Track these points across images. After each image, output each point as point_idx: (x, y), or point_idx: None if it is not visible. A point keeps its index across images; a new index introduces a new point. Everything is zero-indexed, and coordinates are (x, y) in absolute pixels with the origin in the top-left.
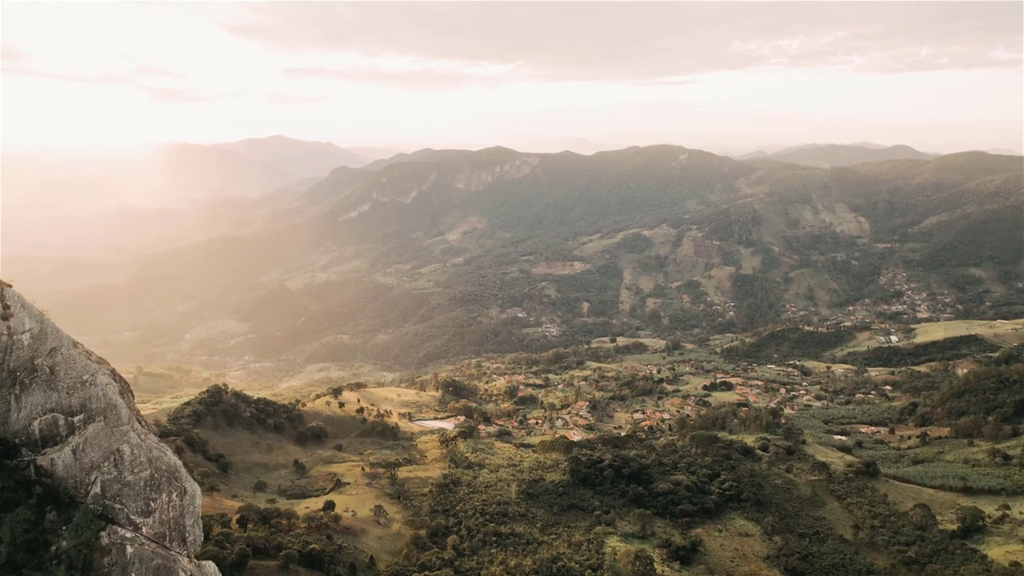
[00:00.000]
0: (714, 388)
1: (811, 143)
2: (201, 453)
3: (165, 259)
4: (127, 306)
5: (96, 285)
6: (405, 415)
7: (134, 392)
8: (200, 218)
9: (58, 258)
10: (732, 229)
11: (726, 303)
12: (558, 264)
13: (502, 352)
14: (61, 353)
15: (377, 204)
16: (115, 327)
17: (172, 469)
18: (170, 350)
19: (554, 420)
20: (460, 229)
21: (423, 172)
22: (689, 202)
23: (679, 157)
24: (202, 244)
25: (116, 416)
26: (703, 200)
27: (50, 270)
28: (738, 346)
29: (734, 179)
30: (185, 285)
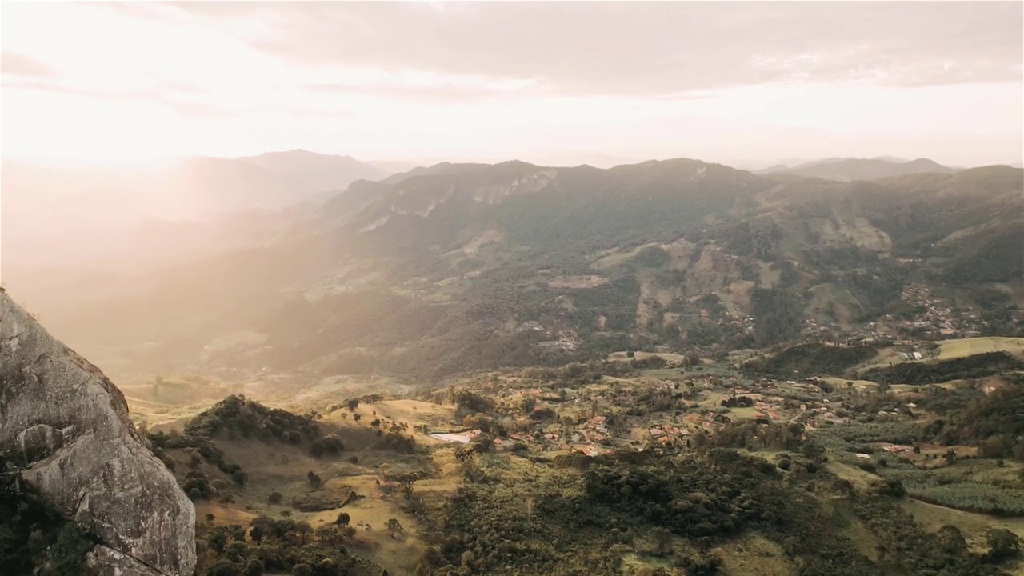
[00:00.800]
0: (733, 404)
1: (831, 157)
2: (217, 464)
3: (187, 271)
4: (149, 317)
5: (119, 297)
6: (421, 428)
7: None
8: (222, 231)
9: (83, 270)
10: (751, 243)
11: (745, 318)
12: (575, 278)
13: (519, 365)
14: (51, 360)
15: (395, 217)
16: (137, 338)
17: (165, 486)
18: (190, 361)
19: (571, 435)
20: (477, 242)
21: (441, 185)
22: (708, 216)
23: (697, 171)
24: (223, 256)
25: (107, 428)
26: (722, 214)
27: (75, 281)
28: (757, 361)
29: (753, 193)
30: (206, 297)
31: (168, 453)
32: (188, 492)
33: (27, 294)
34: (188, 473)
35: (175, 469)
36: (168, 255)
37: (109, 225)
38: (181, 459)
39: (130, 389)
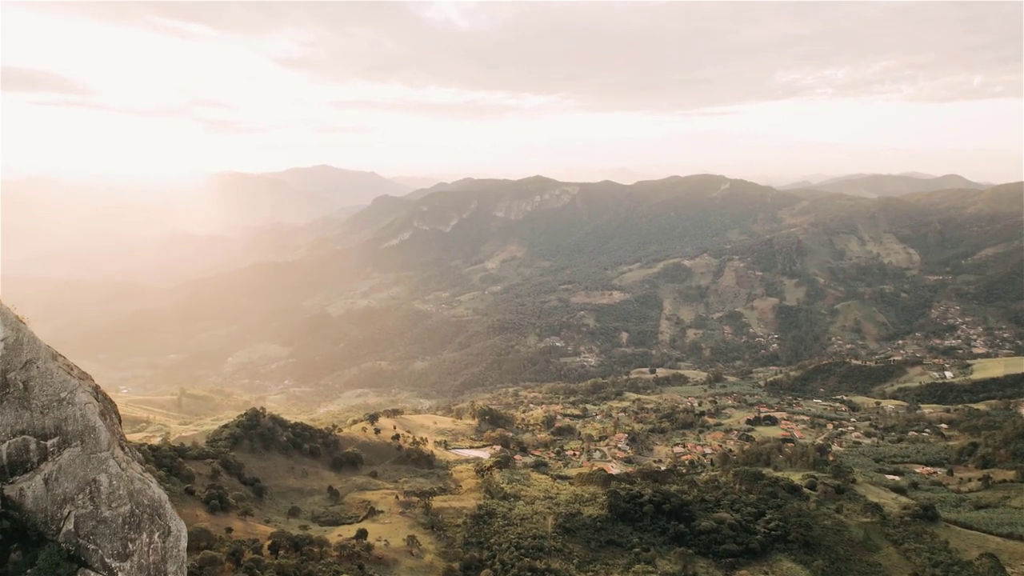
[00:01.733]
0: (758, 422)
1: (856, 173)
2: (237, 476)
3: (212, 284)
4: (174, 329)
5: (146, 309)
6: (441, 443)
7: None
8: (247, 244)
9: (112, 282)
10: (775, 260)
11: (769, 335)
12: (597, 293)
13: (540, 381)
14: (37, 366)
15: (418, 232)
16: (162, 350)
17: (156, 504)
18: (213, 373)
19: (592, 452)
20: (499, 257)
21: (463, 201)
22: (731, 232)
23: (721, 187)
24: (247, 270)
25: (94, 441)
26: (745, 230)
27: (104, 293)
28: (782, 379)
29: (777, 209)
30: (230, 310)
31: (189, 465)
32: (208, 504)
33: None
34: (208, 485)
35: (195, 481)
36: (195, 268)
37: (138, 238)
38: (202, 471)
39: (154, 400)
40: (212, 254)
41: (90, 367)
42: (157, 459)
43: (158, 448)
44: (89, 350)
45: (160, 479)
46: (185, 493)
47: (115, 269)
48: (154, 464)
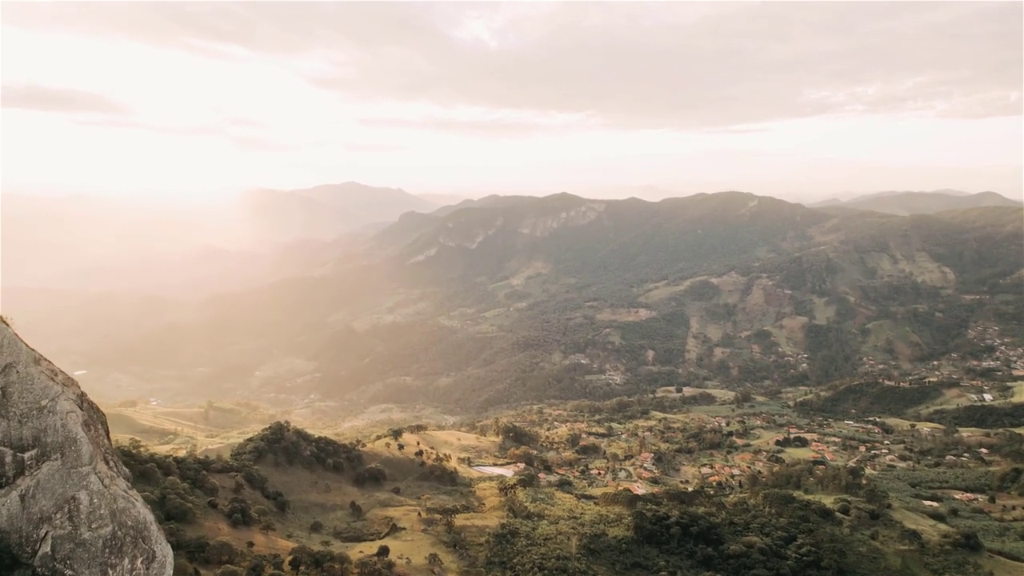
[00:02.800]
0: (787, 443)
1: (887, 191)
2: (260, 490)
3: (241, 298)
4: (203, 342)
5: (177, 322)
6: (464, 460)
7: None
8: (276, 260)
9: (145, 296)
10: (804, 278)
11: (798, 354)
12: (623, 311)
13: (564, 399)
14: (17, 371)
15: (444, 248)
16: (191, 363)
17: (140, 526)
18: (241, 386)
19: (617, 471)
20: (524, 274)
21: (489, 217)
22: (759, 250)
23: (749, 204)
24: (276, 285)
25: (75, 454)
26: (774, 248)
27: (137, 307)
28: (812, 400)
29: (806, 227)
30: (258, 323)
31: (213, 477)
32: (230, 518)
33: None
34: (231, 499)
35: (219, 494)
36: (225, 283)
37: (171, 253)
38: (225, 484)
39: (182, 413)
40: (242, 269)
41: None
42: (182, 471)
43: (183, 460)
44: (121, 362)
45: (184, 491)
46: (208, 506)
47: (148, 283)
48: (178, 476)
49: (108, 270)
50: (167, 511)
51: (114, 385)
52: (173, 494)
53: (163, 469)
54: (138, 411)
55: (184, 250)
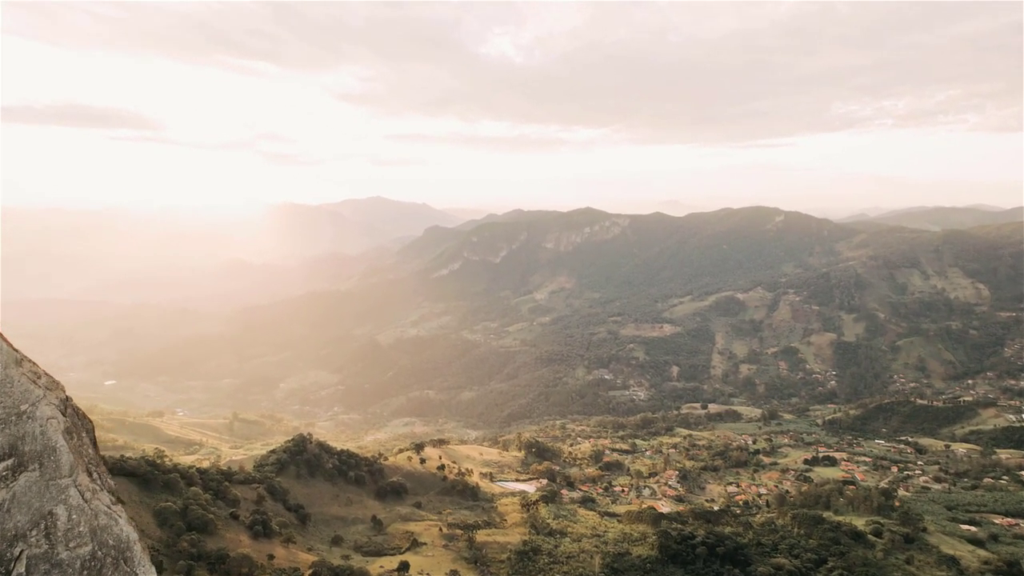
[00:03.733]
0: (816, 462)
1: (917, 206)
2: (282, 503)
3: (267, 311)
4: (230, 354)
5: (204, 334)
6: (486, 475)
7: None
8: (302, 273)
9: (174, 308)
10: (832, 294)
11: (827, 371)
12: (647, 326)
13: (588, 414)
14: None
15: (468, 262)
16: (218, 374)
17: (123, 546)
18: (265, 398)
19: (641, 489)
20: (548, 288)
21: (513, 232)
22: (786, 265)
23: (775, 219)
24: (301, 298)
25: (55, 464)
26: (801, 263)
27: (165, 317)
28: (841, 418)
29: (834, 242)
30: (284, 336)
31: (235, 489)
32: (251, 530)
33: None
34: (253, 510)
35: (240, 505)
36: (251, 296)
37: (200, 266)
38: (247, 496)
39: (208, 424)
40: (269, 282)
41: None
42: (204, 482)
43: (206, 471)
44: (150, 373)
45: (206, 502)
46: (230, 517)
47: (178, 296)
48: (201, 487)
49: (140, 282)
50: (189, 522)
51: (143, 395)
52: (195, 505)
53: (186, 479)
54: (165, 421)
55: (213, 263)
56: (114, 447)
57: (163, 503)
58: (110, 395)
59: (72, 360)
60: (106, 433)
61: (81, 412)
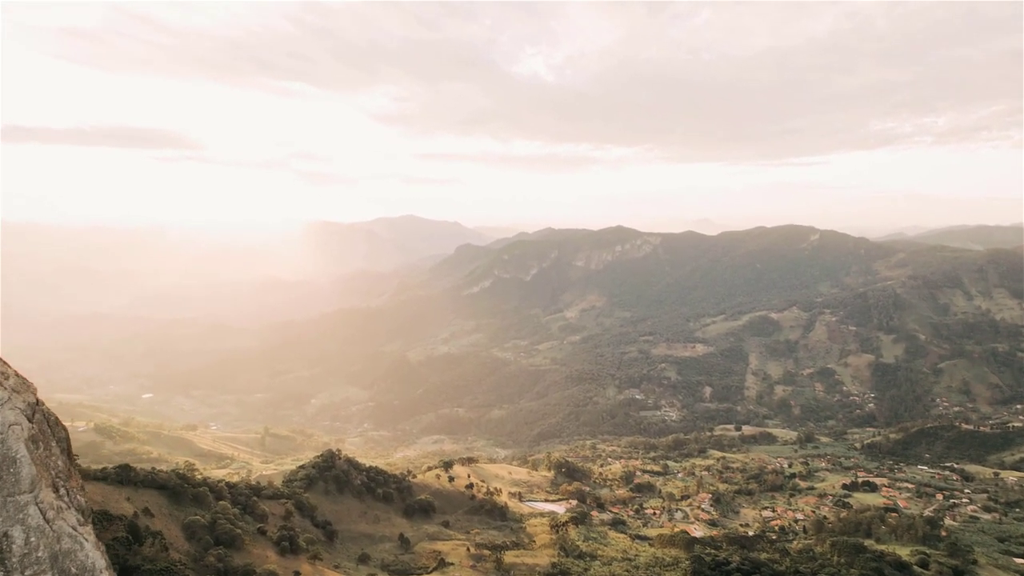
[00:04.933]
0: (855, 488)
1: (959, 224)
2: (309, 519)
3: (299, 327)
4: (262, 369)
5: (238, 348)
6: (515, 494)
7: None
8: (334, 290)
9: (209, 323)
10: (870, 314)
11: (865, 394)
12: (679, 345)
13: (618, 434)
14: None
15: (498, 280)
16: (251, 388)
17: (87, 573)
18: (297, 413)
19: (673, 512)
20: (578, 307)
21: (544, 250)
22: (821, 285)
23: (810, 238)
24: (333, 314)
25: (13, 478)
26: (837, 283)
27: (201, 332)
28: (881, 442)
29: (871, 261)
30: (315, 352)
31: (263, 504)
32: (278, 545)
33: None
34: (280, 526)
35: (268, 521)
36: (285, 312)
37: (236, 283)
38: (275, 511)
39: (240, 438)
40: (302, 299)
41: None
42: (233, 496)
43: (234, 486)
44: (185, 386)
45: (234, 517)
46: (257, 533)
47: (213, 311)
48: (230, 501)
49: (178, 298)
50: (216, 536)
51: (178, 409)
52: (223, 519)
53: (215, 493)
54: (198, 435)
55: (248, 280)
56: (148, 459)
57: (192, 516)
58: (147, 408)
59: (113, 374)
60: (141, 445)
61: (54, 419)
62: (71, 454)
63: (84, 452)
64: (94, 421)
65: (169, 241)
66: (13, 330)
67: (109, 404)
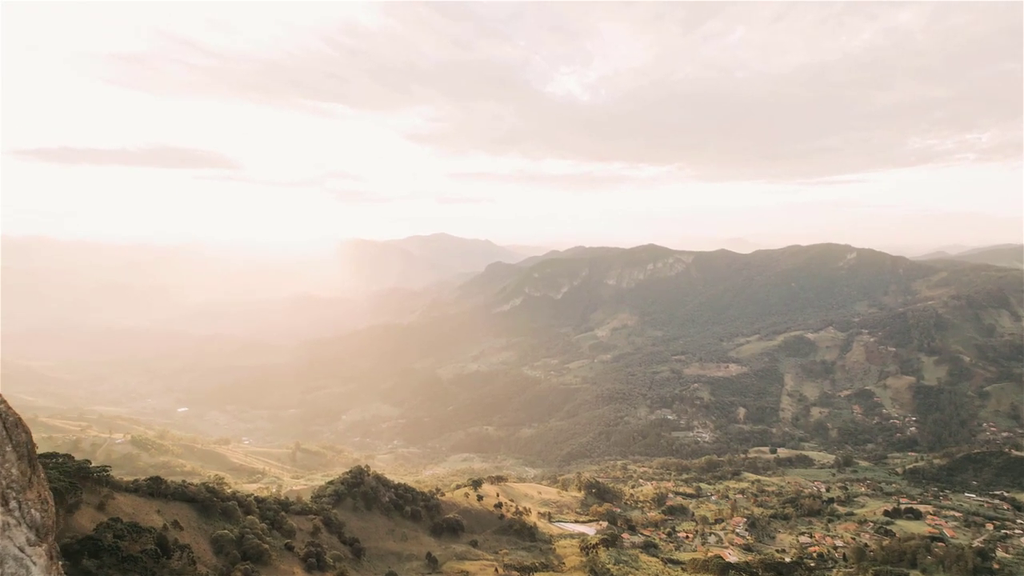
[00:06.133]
0: (898, 515)
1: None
2: (337, 535)
3: (331, 343)
4: (294, 385)
5: (271, 364)
6: (544, 515)
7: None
8: (367, 307)
9: (244, 339)
10: (911, 335)
11: (906, 417)
12: (712, 365)
13: (650, 455)
14: None
15: (529, 299)
16: (283, 404)
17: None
18: (328, 429)
19: (707, 535)
20: (609, 325)
21: (575, 268)
22: (858, 304)
23: (846, 256)
24: (364, 331)
25: None
26: (875, 302)
27: (236, 347)
28: (924, 467)
29: (911, 281)
30: (346, 368)
31: (291, 519)
32: (305, 562)
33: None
34: (308, 542)
35: (296, 536)
36: (318, 328)
37: (271, 299)
38: (303, 526)
39: (271, 453)
40: (335, 316)
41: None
42: (261, 511)
43: (263, 500)
44: (219, 401)
45: (262, 532)
46: (284, 548)
47: (248, 327)
48: (258, 516)
49: (214, 314)
50: (244, 551)
51: (212, 423)
52: (251, 534)
53: (244, 508)
54: (231, 449)
55: (284, 296)
56: (182, 472)
57: (220, 531)
58: (182, 422)
59: (151, 387)
60: (175, 458)
61: (13, 420)
62: (34, 461)
63: (121, 464)
64: (131, 433)
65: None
66: (60, 343)
67: (146, 417)
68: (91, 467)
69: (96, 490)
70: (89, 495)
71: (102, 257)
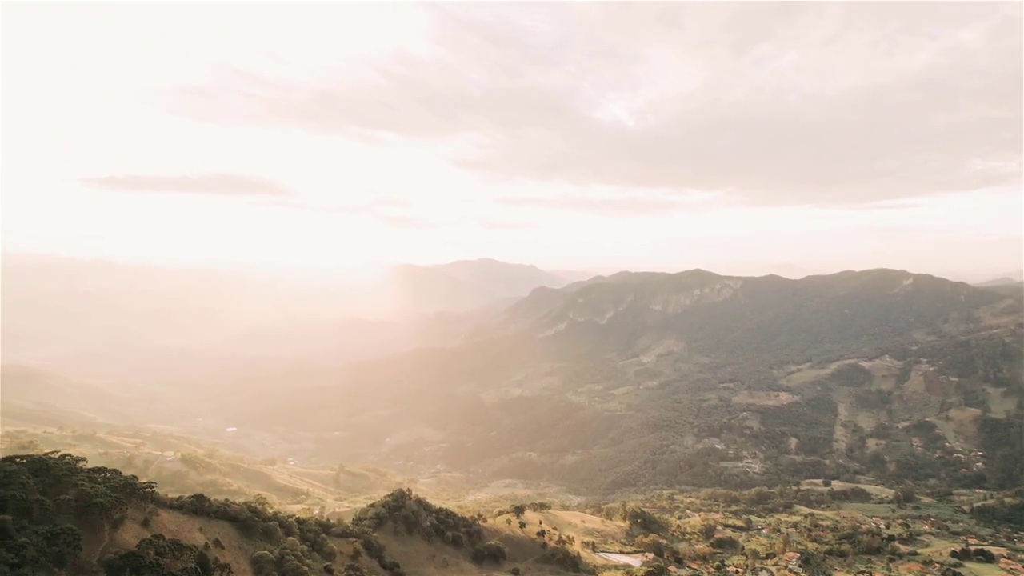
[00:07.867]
0: (967, 556)
1: None
2: (377, 559)
3: (377, 367)
4: (341, 407)
5: (318, 386)
6: (588, 544)
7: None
8: (414, 331)
9: (292, 361)
10: (974, 364)
11: (971, 451)
12: (761, 394)
13: (697, 486)
14: None
15: (573, 324)
16: (328, 426)
17: None
18: (371, 452)
19: (758, 570)
20: (655, 352)
21: (620, 294)
22: (916, 332)
23: (903, 282)
24: (409, 355)
25: None
26: (934, 330)
27: (284, 369)
28: (994, 506)
29: (973, 308)
30: (392, 391)
31: (332, 542)
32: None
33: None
34: (348, 566)
35: (336, 559)
36: (364, 351)
37: (319, 322)
38: (344, 549)
39: (316, 474)
40: (381, 339)
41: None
42: (302, 533)
43: (304, 522)
44: (268, 422)
45: (302, 554)
46: (324, 571)
47: (296, 349)
48: (299, 537)
49: (264, 336)
50: (283, 572)
51: (259, 443)
52: (291, 555)
53: (285, 529)
54: (276, 470)
55: (332, 320)
56: (228, 491)
57: (260, 551)
58: (230, 441)
59: (201, 406)
60: (222, 477)
61: None
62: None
63: (170, 481)
64: (181, 452)
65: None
66: (118, 362)
67: (196, 435)
68: (137, 483)
69: (142, 506)
70: (134, 511)
71: (157, 282)
